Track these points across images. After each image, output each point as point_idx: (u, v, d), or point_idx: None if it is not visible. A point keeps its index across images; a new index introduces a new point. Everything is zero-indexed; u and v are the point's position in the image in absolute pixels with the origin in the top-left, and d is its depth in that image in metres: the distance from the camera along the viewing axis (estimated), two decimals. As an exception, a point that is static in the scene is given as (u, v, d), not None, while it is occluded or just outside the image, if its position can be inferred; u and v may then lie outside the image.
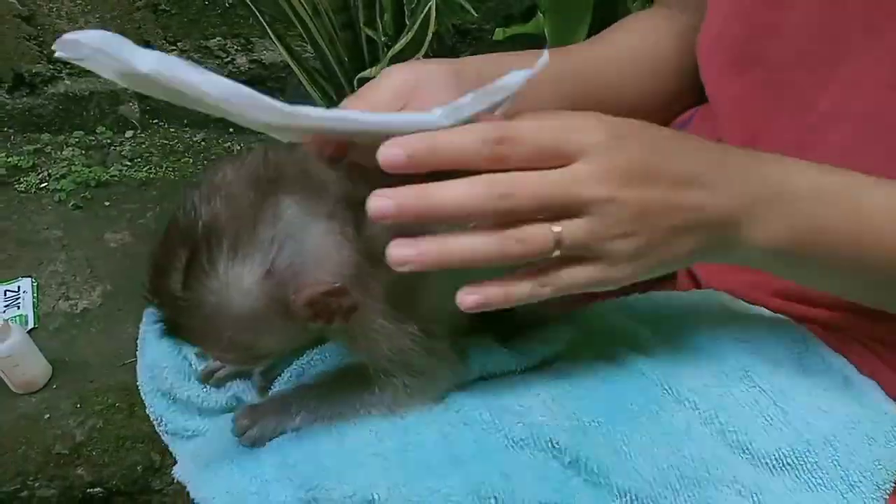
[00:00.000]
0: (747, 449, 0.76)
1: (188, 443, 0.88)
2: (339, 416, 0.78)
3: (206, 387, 0.88)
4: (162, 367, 0.90)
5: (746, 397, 0.79)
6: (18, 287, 1.96)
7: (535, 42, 1.90)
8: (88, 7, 2.26)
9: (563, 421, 0.76)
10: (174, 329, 0.68)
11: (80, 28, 2.25)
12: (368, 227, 0.66)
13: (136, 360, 0.92)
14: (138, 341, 0.94)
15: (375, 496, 0.70)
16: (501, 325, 0.84)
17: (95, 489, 1.73)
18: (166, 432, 0.91)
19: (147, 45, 2.34)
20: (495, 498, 0.70)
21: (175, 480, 0.82)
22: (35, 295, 1.95)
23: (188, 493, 0.79)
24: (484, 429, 0.75)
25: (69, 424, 1.72)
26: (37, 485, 1.71)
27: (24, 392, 1.76)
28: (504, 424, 0.75)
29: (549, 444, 0.74)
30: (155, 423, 0.92)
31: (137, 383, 0.93)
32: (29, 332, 1.83)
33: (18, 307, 1.92)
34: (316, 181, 0.67)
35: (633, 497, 0.73)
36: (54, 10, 2.25)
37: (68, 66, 2.34)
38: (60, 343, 1.86)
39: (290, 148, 0.69)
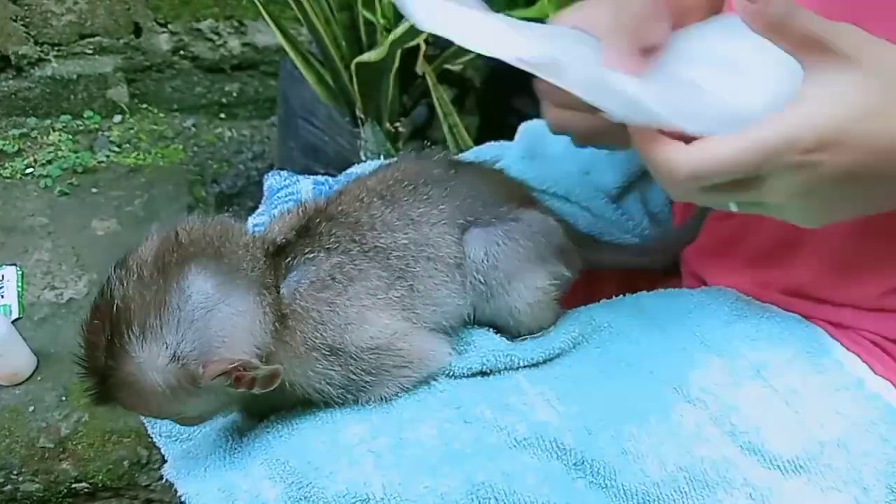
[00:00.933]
0: (758, 450, 0.75)
1: (181, 443, 0.86)
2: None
3: None
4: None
5: (758, 397, 0.78)
6: (2, 275, 1.92)
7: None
8: (76, -12, 2.23)
9: (569, 421, 0.74)
10: (105, 398, 0.71)
11: (69, 9, 2.24)
12: (285, 293, 0.73)
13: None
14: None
15: (370, 495, 0.68)
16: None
17: (80, 484, 1.69)
18: (160, 434, 0.89)
19: (136, 26, 2.31)
20: (495, 499, 0.68)
21: (162, 476, 0.82)
22: (20, 283, 1.92)
23: (176, 490, 0.78)
24: (485, 427, 0.73)
25: (54, 417, 1.69)
26: (20, 479, 1.68)
27: (7, 384, 1.72)
28: (506, 423, 0.73)
29: (554, 445, 0.72)
30: (147, 425, 0.91)
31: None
32: (13, 321, 1.80)
33: (2, 296, 1.88)
34: (228, 259, 0.71)
35: (641, 500, 0.71)
36: (41, -10, 2.22)
37: (56, 49, 2.30)
38: (46, 333, 1.82)
39: (202, 225, 0.73)
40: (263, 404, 0.78)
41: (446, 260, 0.79)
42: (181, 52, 2.38)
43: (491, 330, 0.82)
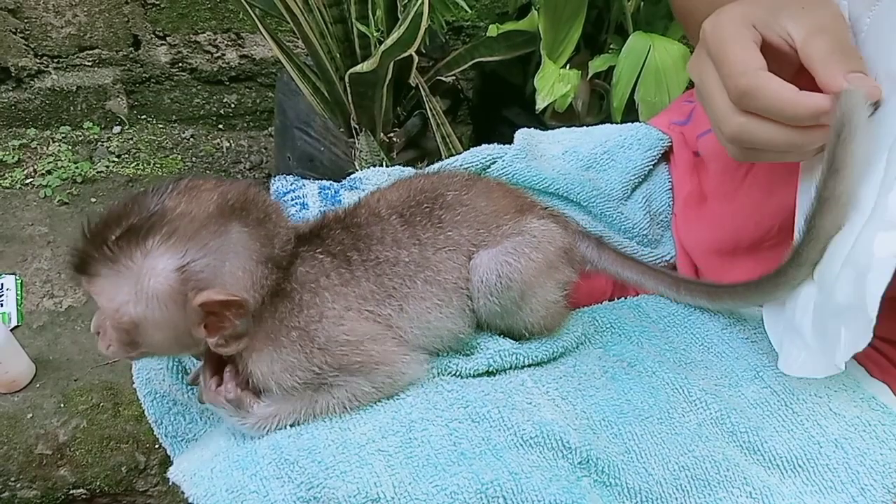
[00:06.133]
0: (758, 450, 0.76)
1: (187, 443, 0.86)
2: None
3: None
4: (156, 368, 0.88)
5: (757, 398, 0.79)
6: (2, 284, 1.93)
7: (529, 38, 1.89)
8: (76, 0, 2.24)
9: (573, 420, 0.75)
10: (84, 267, 0.71)
11: (68, 22, 2.25)
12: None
13: (120, 360, 0.91)
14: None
15: (380, 494, 0.68)
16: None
17: (78, 490, 1.70)
18: (165, 435, 0.89)
19: (135, 39, 2.32)
20: (504, 497, 0.68)
21: (160, 482, 0.81)
22: (19, 292, 1.93)
23: (175, 494, 0.77)
24: (492, 426, 0.74)
25: (52, 424, 1.70)
26: (18, 486, 1.68)
27: (6, 391, 1.73)
28: (513, 422, 0.74)
29: (559, 443, 0.73)
30: (154, 426, 0.90)
31: (133, 385, 0.92)
32: (12, 329, 1.80)
33: (1, 305, 1.89)
34: (269, 230, 0.74)
35: (644, 498, 0.72)
36: (41, 2, 2.22)
37: (56, 61, 2.31)
38: (44, 341, 1.83)
39: (266, 196, 0.76)
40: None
41: (444, 285, 0.79)
42: (180, 64, 2.39)
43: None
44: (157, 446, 1.64)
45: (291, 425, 0.75)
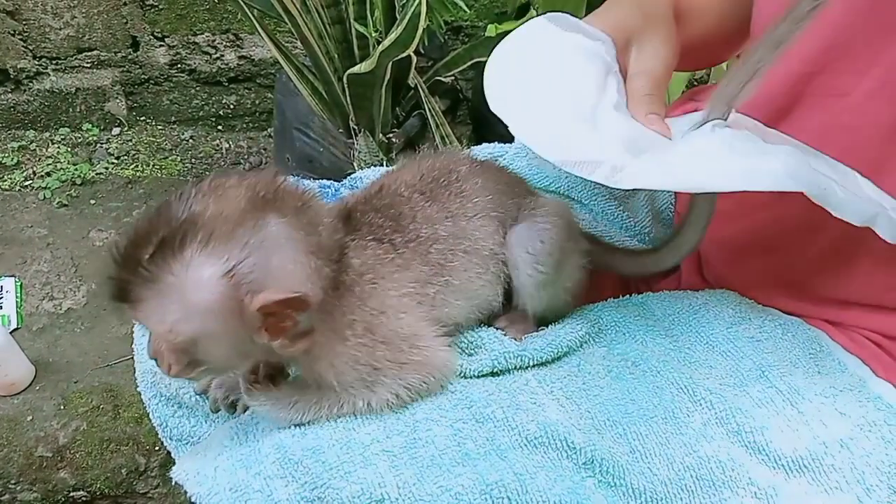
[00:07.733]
0: (763, 450, 0.75)
1: (190, 445, 0.86)
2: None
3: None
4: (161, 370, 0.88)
5: (762, 397, 0.79)
6: (1, 287, 1.93)
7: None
8: (74, 2, 2.24)
9: (578, 420, 0.75)
10: (125, 294, 0.67)
11: (67, 23, 2.25)
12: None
13: (121, 362, 0.91)
14: (134, 346, 0.92)
15: (385, 495, 0.68)
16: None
17: (79, 492, 1.70)
18: (170, 438, 0.88)
19: (134, 40, 2.32)
20: (508, 498, 0.68)
21: (160, 483, 0.80)
22: (18, 294, 1.92)
23: (176, 496, 0.77)
24: (496, 426, 0.73)
25: (52, 426, 1.69)
26: (18, 488, 1.68)
27: (6, 394, 1.72)
28: (517, 423, 0.73)
29: (564, 444, 0.72)
30: (159, 429, 0.90)
31: (136, 389, 0.92)
32: (11, 332, 1.80)
33: (1, 307, 1.89)
34: (310, 217, 0.71)
35: (648, 498, 0.72)
36: (39, 4, 2.22)
37: (54, 62, 2.32)
38: (44, 343, 1.83)
39: (298, 184, 0.73)
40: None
41: (482, 252, 0.81)
42: (178, 66, 2.39)
43: (500, 332, 0.83)
44: (157, 448, 1.64)
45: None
